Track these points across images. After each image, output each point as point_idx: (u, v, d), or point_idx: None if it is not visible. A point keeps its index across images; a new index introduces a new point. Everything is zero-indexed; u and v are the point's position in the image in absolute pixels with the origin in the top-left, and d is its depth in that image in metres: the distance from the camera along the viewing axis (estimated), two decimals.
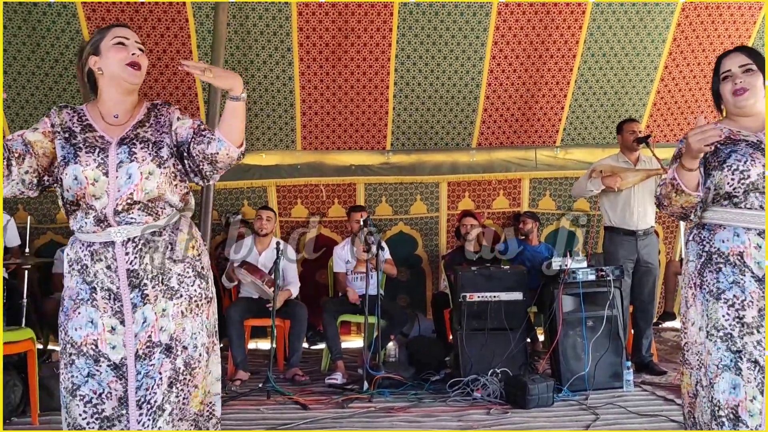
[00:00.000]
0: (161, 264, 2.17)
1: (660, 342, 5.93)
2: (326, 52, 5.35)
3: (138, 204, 2.15)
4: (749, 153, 2.33)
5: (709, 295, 2.34)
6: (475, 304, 4.57)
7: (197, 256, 2.28)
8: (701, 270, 2.38)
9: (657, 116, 6.02)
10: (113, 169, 2.13)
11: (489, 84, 5.67)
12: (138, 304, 2.14)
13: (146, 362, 2.12)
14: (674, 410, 4.00)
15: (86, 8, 4.83)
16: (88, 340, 2.12)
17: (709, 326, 2.32)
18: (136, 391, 2.11)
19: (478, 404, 4.17)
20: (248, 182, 5.81)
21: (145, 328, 2.13)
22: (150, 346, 2.13)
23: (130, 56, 2.20)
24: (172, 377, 2.14)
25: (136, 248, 2.15)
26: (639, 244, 4.92)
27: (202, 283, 2.26)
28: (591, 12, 5.40)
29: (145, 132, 2.22)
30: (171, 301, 2.17)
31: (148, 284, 2.15)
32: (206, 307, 2.26)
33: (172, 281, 2.18)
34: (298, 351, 4.93)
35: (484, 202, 6.20)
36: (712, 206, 2.41)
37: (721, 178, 2.34)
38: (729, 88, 2.41)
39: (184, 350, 2.17)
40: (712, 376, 2.29)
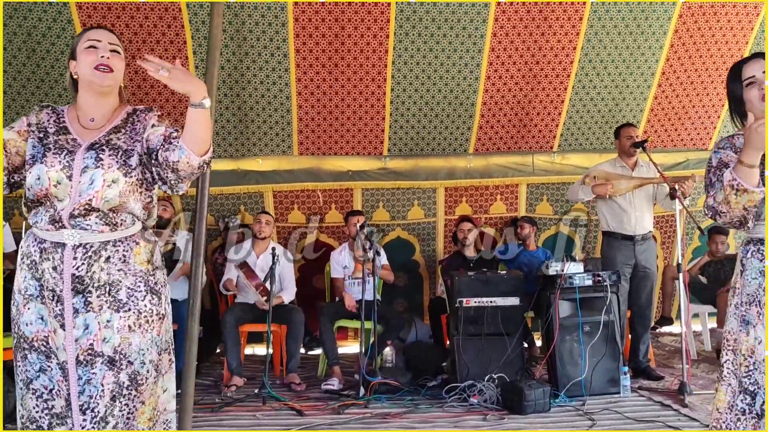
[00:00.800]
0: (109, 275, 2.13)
1: (657, 347, 5.92)
2: (323, 58, 5.35)
3: (96, 212, 2.12)
4: None
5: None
6: (472, 309, 4.56)
7: (152, 271, 2.22)
8: None
9: (654, 121, 6.01)
10: (77, 173, 2.11)
11: (486, 89, 5.67)
12: (80, 310, 2.10)
13: (87, 369, 2.09)
14: (671, 416, 3.99)
15: (82, 14, 4.83)
16: (39, 336, 2.12)
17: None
18: (78, 395, 2.09)
19: (474, 410, 4.16)
20: (245, 188, 5.81)
21: (87, 335, 2.10)
22: (91, 354, 2.09)
23: (98, 59, 2.17)
24: (115, 391, 2.10)
25: (85, 255, 2.11)
26: (637, 249, 4.92)
27: (154, 299, 2.20)
28: (588, 17, 5.40)
29: (118, 139, 2.20)
30: (117, 313, 2.12)
31: (93, 293, 2.10)
32: (157, 323, 2.20)
33: (121, 293, 2.14)
34: (296, 356, 4.92)
35: (481, 207, 6.20)
36: (759, 221, 2.34)
37: None
38: (757, 94, 2.34)
39: (129, 365, 2.12)
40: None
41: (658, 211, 5.35)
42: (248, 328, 5.04)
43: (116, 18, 4.91)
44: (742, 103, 2.43)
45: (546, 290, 4.63)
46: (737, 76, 2.43)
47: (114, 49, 2.22)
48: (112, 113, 2.26)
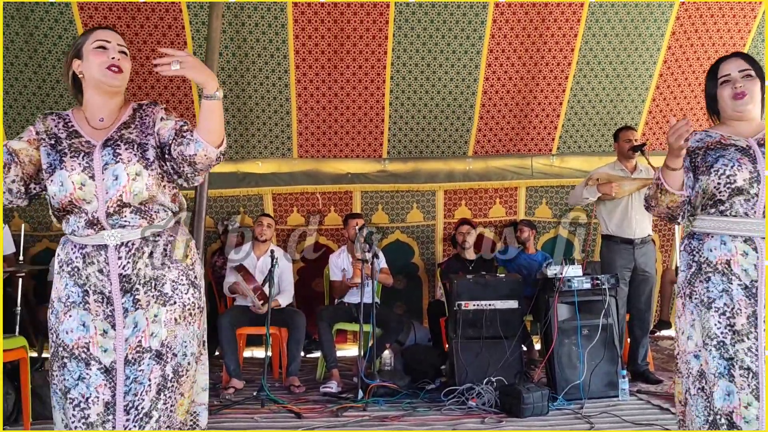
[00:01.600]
0: (155, 269, 2.15)
1: (656, 351, 5.92)
2: (322, 60, 5.36)
3: (129, 207, 2.13)
4: (737, 158, 2.35)
5: (701, 304, 2.35)
6: (471, 312, 4.56)
7: (191, 265, 2.26)
8: (691, 280, 2.41)
9: (652, 123, 6.02)
10: (99, 171, 2.11)
11: (485, 92, 5.68)
12: (129, 309, 2.12)
13: (135, 367, 2.10)
14: (669, 419, 3.99)
15: (83, 14, 4.84)
16: (79, 343, 2.10)
17: (704, 335, 2.33)
18: (124, 396, 2.09)
19: (472, 413, 4.15)
20: (244, 190, 5.82)
21: (136, 333, 2.11)
22: (140, 351, 2.11)
23: (110, 59, 2.17)
24: (161, 384, 2.12)
25: (129, 253, 2.13)
26: (636, 253, 4.91)
27: (196, 293, 2.24)
28: (586, 20, 5.41)
29: (129, 133, 2.19)
30: (164, 307, 2.14)
31: (141, 289, 2.13)
32: (198, 316, 2.24)
33: (166, 287, 2.16)
34: (297, 359, 4.91)
35: (480, 210, 6.20)
36: (700, 215, 2.44)
37: (708, 183, 2.37)
38: (728, 92, 2.42)
39: (173, 357, 2.15)
40: (711, 384, 2.30)
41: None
42: (247, 330, 5.03)
43: (117, 18, 4.92)
44: (713, 101, 2.50)
45: (545, 293, 4.63)
46: (714, 74, 2.49)
47: (122, 50, 2.23)
48: (119, 111, 2.27)
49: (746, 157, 2.34)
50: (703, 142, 2.46)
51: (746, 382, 2.25)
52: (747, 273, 2.31)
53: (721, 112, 2.49)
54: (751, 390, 2.25)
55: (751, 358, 2.26)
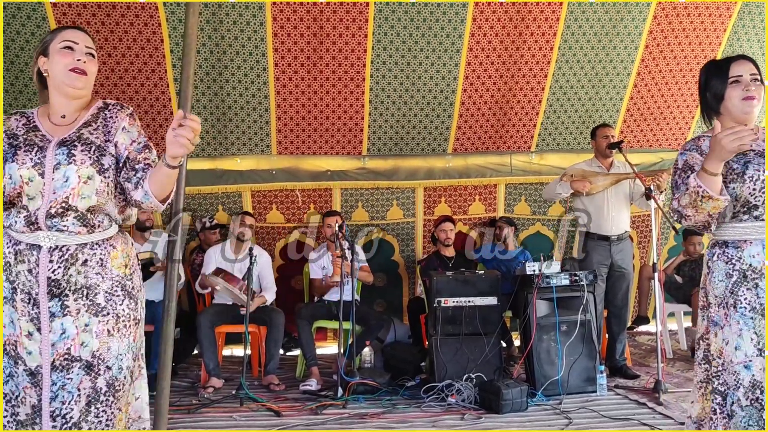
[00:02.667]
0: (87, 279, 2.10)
1: (634, 346, 5.98)
2: (301, 58, 5.34)
3: (74, 211, 2.08)
4: (762, 162, 2.32)
5: (752, 312, 2.29)
6: (450, 309, 4.58)
7: (129, 275, 2.20)
8: (734, 289, 2.33)
9: (630, 122, 6.07)
10: (49, 169, 2.07)
11: (464, 90, 5.69)
12: (57, 314, 2.06)
13: (63, 374, 2.05)
14: (646, 414, 4.04)
15: (56, 12, 4.77)
16: (10, 340, 2.07)
17: (761, 343, 2.27)
18: (50, 401, 2.04)
19: (452, 410, 4.17)
20: (223, 187, 5.77)
21: (64, 340, 2.06)
22: (68, 359, 2.05)
23: (75, 61, 2.13)
24: (92, 396, 2.07)
25: (62, 258, 2.07)
26: (613, 249, 4.96)
27: (131, 304, 2.17)
28: (565, 18, 5.44)
29: (90, 133, 2.15)
30: (96, 317, 2.09)
31: (70, 296, 2.07)
32: (134, 328, 2.18)
33: (99, 297, 2.10)
34: (275, 357, 4.90)
35: (460, 207, 6.21)
36: (731, 222, 2.38)
37: (742, 190, 2.32)
38: (739, 93, 2.38)
39: (107, 370, 2.09)
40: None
41: (634, 210, 5.41)
42: (225, 329, 5.01)
43: (92, 16, 4.86)
44: (718, 99, 2.44)
45: (523, 290, 4.66)
46: (722, 72, 2.43)
47: (90, 52, 2.19)
48: (83, 109, 2.22)
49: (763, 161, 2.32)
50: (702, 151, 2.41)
51: None
52: None
53: (724, 113, 2.44)
54: None
55: None
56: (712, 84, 2.46)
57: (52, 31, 2.25)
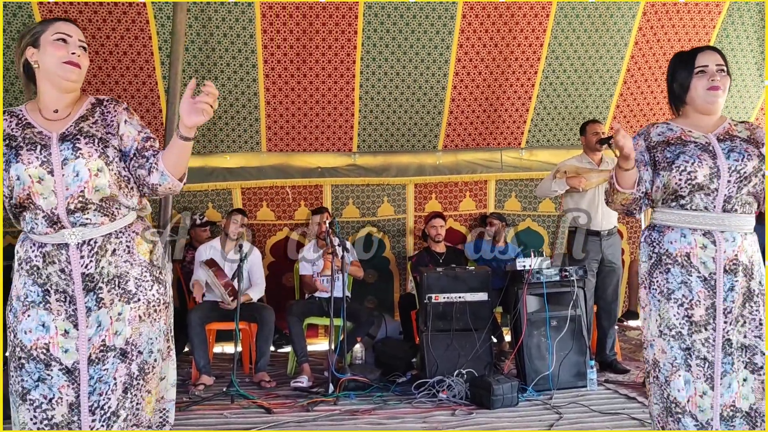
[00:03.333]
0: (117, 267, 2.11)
1: (624, 341, 6.00)
2: (291, 54, 5.32)
3: (91, 204, 2.08)
4: (697, 155, 2.38)
5: (660, 295, 2.39)
6: (441, 305, 4.58)
7: (155, 260, 2.23)
8: (651, 271, 2.44)
9: (620, 117, 6.09)
10: (58, 167, 2.05)
11: (454, 86, 5.69)
12: (93, 308, 2.08)
13: (99, 366, 2.06)
14: (636, 408, 4.06)
15: (42, 9, 4.74)
16: (38, 344, 2.05)
17: (662, 325, 2.37)
18: (88, 396, 2.05)
19: (443, 405, 4.17)
20: (212, 184, 5.75)
21: (99, 332, 2.08)
22: (104, 350, 2.07)
23: (69, 55, 2.11)
24: (127, 382, 2.09)
25: (91, 251, 2.08)
26: (603, 244, 4.97)
27: (160, 288, 2.20)
28: (555, 15, 5.45)
29: (89, 127, 2.13)
30: (128, 305, 2.11)
31: (104, 288, 2.09)
32: (164, 312, 2.21)
33: (129, 285, 2.12)
34: (266, 355, 4.88)
35: (450, 204, 6.22)
36: (661, 207, 2.47)
37: (669, 178, 2.40)
38: (704, 84, 2.43)
39: (139, 355, 2.12)
40: (668, 374, 2.34)
41: None
42: (216, 326, 4.99)
43: (79, 13, 4.83)
44: (684, 89, 2.50)
45: (514, 285, 4.67)
46: (688, 62, 2.49)
47: (82, 45, 2.17)
48: (75, 103, 2.20)
49: (706, 153, 2.38)
50: (663, 136, 2.49)
51: (702, 372, 2.31)
52: (705, 265, 2.35)
53: (688, 102, 2.50)
54: (705, 379, 2.30)
55: (707, 348, 2.31)
56: (678, 74, 2.52)
57: (41, 22, 2.21)
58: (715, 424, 2.28)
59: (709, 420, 2.28)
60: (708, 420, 2.28)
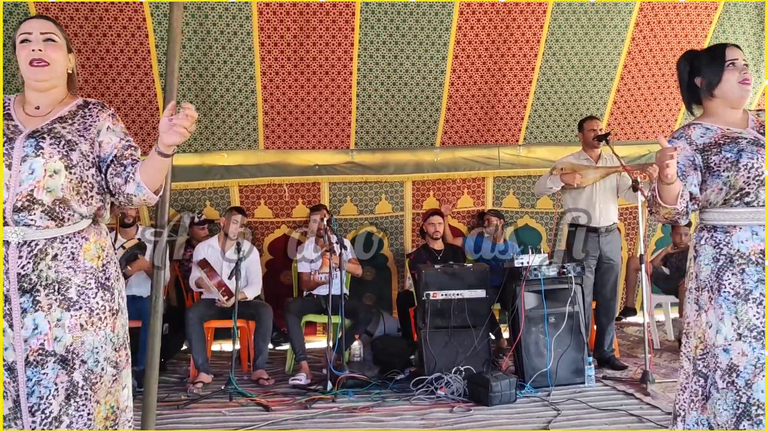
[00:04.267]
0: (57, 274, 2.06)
1: (622, 337, 6.02)
2: (288, 52, 5.31)
3: (39, 205, 2.03)
4: (756, 150, 2.34)
5: (735, 297, 2.31)
6: (439, 302, 4.58)
7: (101, 267, 2.15)
8: (719, 273, 2.35)
9: (617, 114, 6.09)
10: (17, 161, 2.01)
11: (452, 83, 5.69)
12: (29, 309, 2.03)
13: (38, 370, 2.03)
14: (634, 404, 4.07)
15: (39, 8, 4.72)
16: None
17: (740, 328, 2.29)
18: (27, 397, 2.02)
19: (441, 402, 4.18)
20: (210, 182, 5.74)
21: (37, 335, 2.03)
22: (42, 354, 2.03)
23: (31, 53, 2.10)
24: (69, 390, 2.05)
25: (30, 253, 2.03)
26: (602, 241, 4.98)
27: (106, 295, 2.13)
28: (552, 12, 5.44)
29: (63, 128, 2.11)
30: (68, 312, 2.06)
31: (41, 291, 2.03)
32: (110, 319, 2.14)
33: (71, 292, 2.07)
34: (264, 352, 4.88)
35: (448, 201, 6.22)
36: (721, 207, 2.40)
37: (737, 178, 2.33)
38: (737, 77, 2.40)
39: (82, 364, 2.07)
40: (750, 376, 2.26)
41: (621, 203, 5.43)
42: (214, 324, 4.99)
43: (75, 11, 4.81)
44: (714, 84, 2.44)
45: (512, 282, 4.67)
46: (717, 57, 2.45)
47: (49, 38, 2.13)
48: (60, 103, 2.18)
49: (761, 148, 2.34)
50: (708, 137, 2.43)
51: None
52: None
53: (718, 96, 2.45)
54: None
55: None
56: (707, 69, 2.46)
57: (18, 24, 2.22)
58: None
59: None
60: None
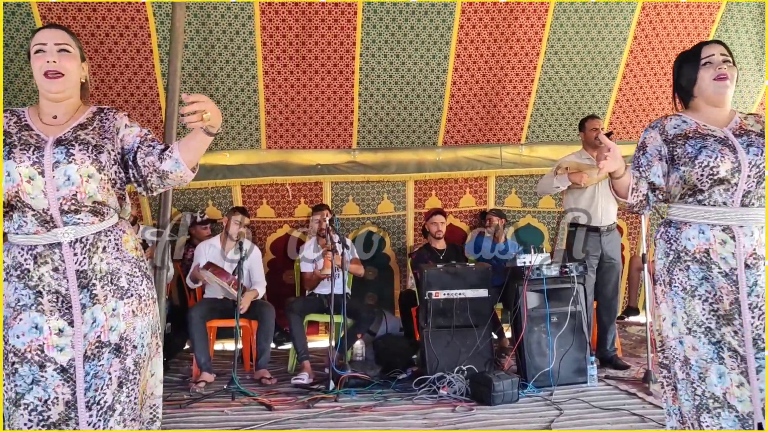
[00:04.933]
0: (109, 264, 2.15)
1: (624, 337, 6.01)
2: (290, 51, 5.32)
3: (84, 207, 2.12)
4: (719, 149, 2.35)
5: (683, 292, 2.36)
6: (441, 301, 4.58)
7: (141, 257, 2.27)
8: (670, 268, 2.41)
9: (619, 113, 6.09)
10: (49, 168, 2.07)
11: (454, 82, 5.69)
12: (87, 305, 2.10)
13: (95, 363, 2.09)
14: (636, 404, 4.06)
15: (41, 8, 4.73)
16: (32, 346, 2.06)
17: (690, 323, 2.34)
18: (84, 392, 2.07)
19: (443, 402, 4.18)
20: (212, 182, 5.74)
21: (95, 329, 2.10)
22: (99, 346, 2.09)
23: (46, 64, 2.13)
24: (122, 377, 2.11)
25: (84, 248, 2.12)
26: (603, 240, 4.97)
27: (149, 283, 2.25)
28: (554, 10, 5.44)
29: (86, 135, 2.16)
30: (121, 300, 2.14)
31: (97, 284, 2.11)
32: (153, 306, 2.25)
33: (122, 281, 2.16)
34: (266, 352, 4.89)
35: (451, 200, 6.22)
36: (678, 203, 2.44)
37: (691, 174, 2.37)
38: (711, 74, 2.43)
39: (134, 349, 2.15)
40: (702, 369, 2.31)
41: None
42: (216, 323, 4.99)
43: (77, 11, 4.82)
44: (691, 83, 2.49)
45: (514, 282, 4.67)
46: (693, 56, 2.49)
47: (63, 48, 2.16)
48: (76, 110, 2.23)
49: (726, 148, 2.36)
50: (680, 129, 2.46)
51: (735, 363, 2.28)
52: (726, 261, 2.32)
53: (697, 95, 2.49)
54: (740, 371, 2.27)
55: (737, 341, 2.28)
56: (685, 69, 2.51)
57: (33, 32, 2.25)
58: (757, 418, 2.24)
59: (750, 412, 2.24)
60: (749, 412, 2.24)
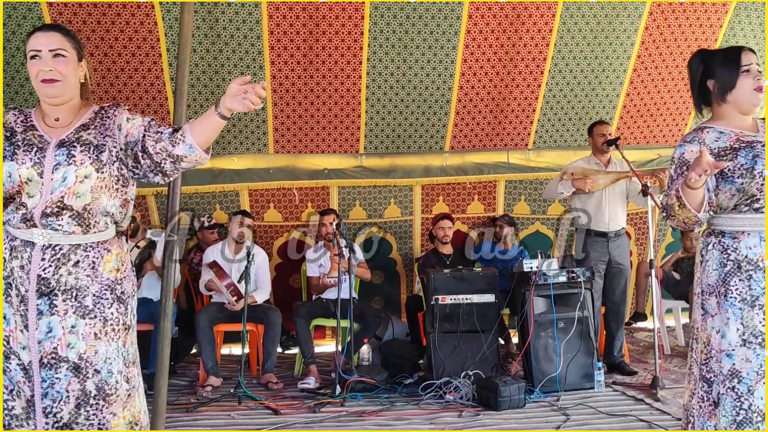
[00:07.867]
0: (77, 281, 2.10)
1: (631, 342, 5.98)
2: (297, 56, 5.33)
3: (69, 210, 2.09)
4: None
5: (742, 303, 2.30)
6: (448, 306, 4.58)
7: (119, 280, 2.18)
8: (726, 279, 2.33)
9: (627, 118, 6.07)
10: (48, 170, 2.08)
11: (461, 87, 5.69)
12: (44, 312, 2.07)
13: (52, 373, 2.06)
14: (644, 410, 4.05)
15: (52, 11, 4.76)
16: (2, 334, 2.08)
17: (746, 334, 2.28)
18: (42, 398, 2.06)
19: (450, 407, 4.18)
20: (220, 186, 5.74)
21: (50, 339, 2.07)
22: (56, 358, 2.07)
23: (40, 72, 2.12)
24: (81, 398, 2.07)
25: (54, 257, 2.08)
26: (611, 245, 4.96)
27: (120, 308, 2.17)
28: (561, 15, 5.44)
29: (88, 134, 2.17)
30: (83, 319, 2.09)
31: (59, 296, 2.08)
32: (123, 333, 2.16)
33: (87, 300, 2.11)
34: (273, 356, 4.90)
35: (458, 206, 6.20)
36: (729, 213, 2.38)
37: (750, 185, 2.32)
38: (751, 83, 2.38)
39: (96, 374, 2.10)
40: (752, 383, 2.26)
41: (631, 207, 5.41)
42: (223, 327, 5.00)
43: (87, 15, 4.85)
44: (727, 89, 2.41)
45: (521, 287, 4.66)
46: (731, 61, 2.41)
47: (58, 53, 2.14)
48: (77, 111, 2.23)
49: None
50: (723, 142, 2.39)
51: None
52: None
53: (730, 102, 2.42)
54: None
55: None
56: (721, 73, 2.42)
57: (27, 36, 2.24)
58: None
59: None
60: None
